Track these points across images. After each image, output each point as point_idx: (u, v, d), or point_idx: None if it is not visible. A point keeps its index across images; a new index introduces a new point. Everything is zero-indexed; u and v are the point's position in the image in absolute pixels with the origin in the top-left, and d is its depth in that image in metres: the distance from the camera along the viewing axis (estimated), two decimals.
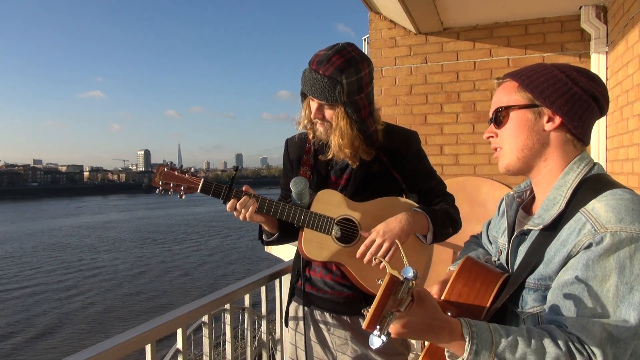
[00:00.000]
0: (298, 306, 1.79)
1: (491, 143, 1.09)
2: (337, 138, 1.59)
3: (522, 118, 1.01)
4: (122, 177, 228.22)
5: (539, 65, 1.05)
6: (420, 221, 1.61)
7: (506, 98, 1.04)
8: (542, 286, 0.96)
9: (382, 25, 4.17)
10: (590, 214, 0.90)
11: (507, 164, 1.05)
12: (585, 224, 0.90)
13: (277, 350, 2.45)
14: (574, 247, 0.90)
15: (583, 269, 0.87)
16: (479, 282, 1.05)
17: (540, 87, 0.99)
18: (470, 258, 1.14)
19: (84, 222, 50.38)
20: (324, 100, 1.54)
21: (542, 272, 0.95)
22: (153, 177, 1.61)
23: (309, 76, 1.54)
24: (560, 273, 0.91)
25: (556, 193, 0.99)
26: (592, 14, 3.44)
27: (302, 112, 1.68)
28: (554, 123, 0.99)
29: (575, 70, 1.01)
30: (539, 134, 1.01)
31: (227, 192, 1.59)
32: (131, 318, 16.50)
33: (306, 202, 1.61)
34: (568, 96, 0.98)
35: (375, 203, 1.65)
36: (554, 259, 0.93)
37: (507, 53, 3.81)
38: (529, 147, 1.02)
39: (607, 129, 3.42)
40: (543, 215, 0.99)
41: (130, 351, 1.43)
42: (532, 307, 0.98)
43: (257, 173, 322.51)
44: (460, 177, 3.79)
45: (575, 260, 0.89)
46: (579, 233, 0.90)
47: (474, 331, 0.85)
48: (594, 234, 0.87)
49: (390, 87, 4.13)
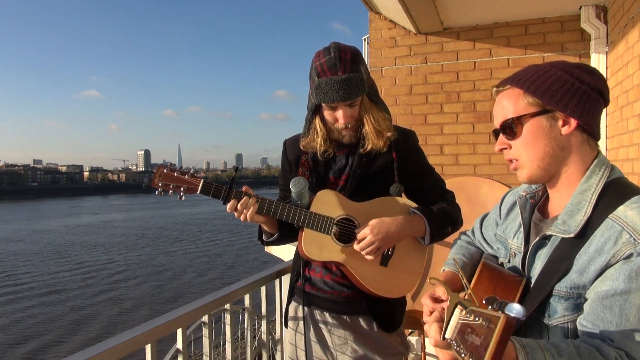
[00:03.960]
0: (298, 306, 1.79)
1: (504, 155, 1.05)
2: (373, 126, 1.62)
3: (537, 126, 0.98)
4: (122, 177, 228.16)
5: (537, 67, 1.01)
6: (417, 225, 1.62)
7: (513, 107, 1.00)
8: (574, 295, 0.93)
9: (382, 25, 4.17)
10: (624, 222, 0.88)
11: (528, 175, 1.02)
12: (622, 233, 0.87)
13: (277, 350, 2.45)
14: (612, 257, 0.87)
15: (626, 281, 0.85)
16: (500, 289, 1.02)
17: (549, 92, 0.96)
18: (487, 264, 1.10)
19: (76, 223, 50.11)
20: (355, 97, 1.55)
21: (575, 281, 0.92)
22: (153, 179, 1.61)
23: (332, 83, 1.52)
24: (597, 282, 0.89)
25: (580, 198, 0.96)
26: (592, 14, 3.43)
27: (314, 134, 1.66)
28: (570, 126, 0.96)
29: (576, 68, 0.98)
30: (557, 139, 0.97)
31: (226, 192, 1.59)
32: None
33: (306, 202, 1.62)
34: (578, 97, 0.96)
35: (374, 203, 1.66)
36: (588, 268, 0.90)
37: (507, 53, 3.81)
38: (550, 155, 0.98)
39: (607, 129, 3.42)
40: (568, 222, 0.95)
41: (130, 351, 1.43)
42: (562, 316, 0.94)
43: (257, 173, 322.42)
44: (460, 177, 3.79)
45: (614, 270, 0.87)
46: (616, 242, 0.87)
47: (528, 352, 0.80)
48: (634, 244, 0.85)
49: (390, 87, 4.13)
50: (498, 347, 0.68)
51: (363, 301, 1.68)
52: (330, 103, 1.56)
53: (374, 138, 1.62)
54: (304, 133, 1.71)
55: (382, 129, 1.64)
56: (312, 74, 1.59)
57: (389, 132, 1.65)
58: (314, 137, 1.66)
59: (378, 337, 1.69)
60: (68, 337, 15.36)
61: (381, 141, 1.63)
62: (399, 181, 1.68)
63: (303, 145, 1.71)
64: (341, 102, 1.55)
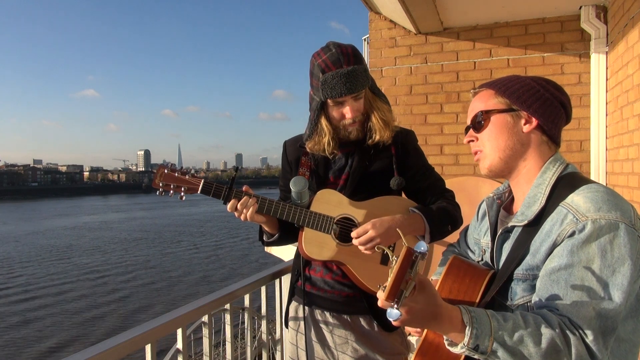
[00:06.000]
0: (298, 306, 1.79)
1: (471, 147, 1.16)
2: (379, 117, 1.65)
3: (502, 121, 1.09)
4: (122, 177, 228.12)
5: (512, 76, 1.15)
6: (416, 223, 1.62)
7: (484, 104, 1.12)
8: (530, 276, 1.01)
9: (382, 25, 4.17)
10: (570, 205, 0.97)
11: (489, 165, 1.12)
12: (567, 215, 0.96)
13: (277, 350, 2.45)
14: (558, 236, 0.96)
15: (568, 255, 0.93)
16: (468, 279, 1.10)
17: (516, 93, 1.08)
18: (457, 257, 1.19)
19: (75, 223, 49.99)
20: (361, 88, 1.58)
21: (530, 263, 1.01)
22: (153, 179, 1.61)
23: (338, 76, 1.54)
24: (547, 261, 0.97)
25: (536, 191, 1.06)
26: (592, 14, 3.43)
27: (321, 134, 1.66)
28: (531, 125, 1.08)
29: (544, 81, 1.11)
30: (518, 135, 1.09)
31: (227, 192, 1.59)
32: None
33: (306, 201, 1.62)
34: (542, 101, 1.08)
35: (374, 202, 1.66)
36: (540, 249, 0.99)
37: (507, 53, 3.81)
38: (510, 148, 1.09)
39: (607, 129, 3.42)
40: (526, 212, 1.05)
41: (130, 351, 1.43)
42: (521, 297, 1.03)
43: (257, 173, 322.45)
44: (460, 177, 3.79)
45: (560, 248, 0.95)
46: (562, 223, 0.96)
47: (473, 316, 0.89)
48: (576, 223, 0.94)
49: (390, 87, 4.13)
50: (398, 272, 0.78)
51: (363, 300, 1.68)
52: (338, 97, 1.56)
53: (381, 129, 1.64)
54: (308, 135, 1.70)
55: (388, 119, 1.67)
56: (315, 72, 1.59)
57: (393, 122, 1.70)
58: (321, 138, 1.66)
59: (378, 337, 1.69)
60: (69, 337, 15.37)
61: (388, 132, 1.66)
62: (398, 175, 1.68)
63: (309, 148, 1.70)
64: (348, 96, 1.57)
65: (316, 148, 1.69)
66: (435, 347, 1.03)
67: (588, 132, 3.53)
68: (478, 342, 0.87)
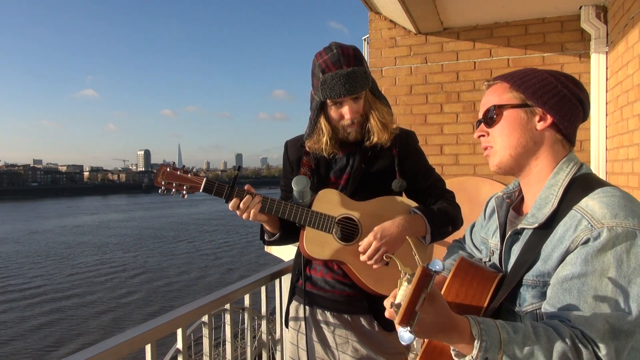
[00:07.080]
0: (299, 305, 1.79)
1: (482, 142, 1.11)
2: (378, 119, 1.64)
3: (515, 117, 1.04)
4: (122, 177, 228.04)
5: (529, 69, 1.08)
6: (417, 224, 1.62)
7: (498, 98, 1.06)
8: (540, 282, 0.97)
9: (382, 25, 4.17)
10: (584, 210, 0.92)
11: (499, 162, 1.07)
12: (582, 220, 0.91)
13: (277, 350, 2.45)
14: (571, 243, 0.91)
15: (582, 264, 0.88)
16: (476, 282, 1.05)
17: (532, 88, 1.02)
18: (465, 259, 1.14)
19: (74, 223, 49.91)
20: (360, 90, 1.57)
21: (540, 269, 0.97)
22: (155, 177, 1.62)
23: (337, 77, 1.54)
24: (559, 269, 0.92)
25: (548, 192, 1.01)
26: (592, 14, 3.44)
27: (320, 134, 1.66)
28: (545, 122, 1.02)
29: (562, 75, 1.05)
30: (531, 132, 1.03)
31: (229, 191, 1.59)
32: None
33: (307, 201, 1.62)
34: (559, 97, 1.02)
35: (375, 202, 1.66)
36: (551, 255, 0.94)
37: (507, 53, 3.81)
38: (522, 145, 1.04)
39: (607, 129, 3.42)
40: (537, 214, 1.00)
41: (130, 351, 1.43)
42: (530, 303, 0.98)
43: (257, 173, 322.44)
44: (460, 177, 3.79)
45: (573, 255, 0.90)
46: (575, 229, 0.91)
47: (482, 328, 0.85)
48: (591, 230, 0.89)
49: (390, 87, 4.13)
50: (413, 294, 0.74)
51: (364, 300, 1.68)
52: (337, 98, 1.57)
53: (379, 131, 1.63)
54: (308, 134, 1.70)
55: (387, 122, 1.66)
56: (316, 72, 1.59)
57: (393, 125, 1.68)
58: (320, 138, 1.66)
59: (379, 337, 1.69)
60: (68, 338, 15.37)
61: (386, 134, 1.64)
62: (400, 177, 1.68)
63: (308, 146, 1.71)
64: (347, 97, 1.57)
65: (315, 147, 1.69)
66: (439, 350, 0.99)
67: (588, 132, 3.54)
68: (487, 355, 0.84)
